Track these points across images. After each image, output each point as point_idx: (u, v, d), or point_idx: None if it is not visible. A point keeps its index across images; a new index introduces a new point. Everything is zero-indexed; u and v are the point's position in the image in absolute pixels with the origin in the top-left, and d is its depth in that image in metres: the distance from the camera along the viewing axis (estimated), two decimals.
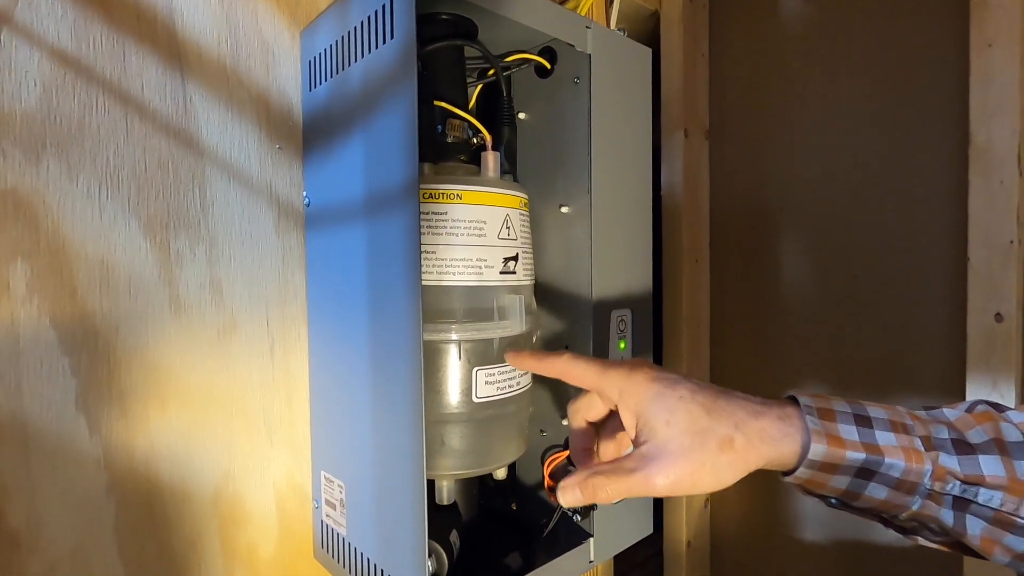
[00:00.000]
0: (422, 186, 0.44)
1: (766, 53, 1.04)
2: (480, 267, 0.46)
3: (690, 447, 0.33)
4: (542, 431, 0.57)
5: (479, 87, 0.56)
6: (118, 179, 0.43)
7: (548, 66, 0.55)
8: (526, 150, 0.58)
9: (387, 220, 0.42)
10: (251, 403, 0.50)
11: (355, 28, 0.44)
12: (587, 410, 0.41)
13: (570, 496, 0.35)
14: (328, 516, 0.51)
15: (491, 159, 0.49)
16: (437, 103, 0.50)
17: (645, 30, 1.13)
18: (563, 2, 0.70)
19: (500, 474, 0.54)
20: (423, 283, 0.39)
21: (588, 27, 0.52)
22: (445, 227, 0.45)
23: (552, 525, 0.53)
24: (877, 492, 0.32)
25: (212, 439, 0.48)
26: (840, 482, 0.33)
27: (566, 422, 0.56)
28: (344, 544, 0.49)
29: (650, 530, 0.60)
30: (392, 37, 0.40)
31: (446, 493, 0.51)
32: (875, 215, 0.91)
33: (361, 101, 0.44)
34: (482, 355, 0.47)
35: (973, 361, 0.78)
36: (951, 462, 0.32)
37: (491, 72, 0.54)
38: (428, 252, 0.45)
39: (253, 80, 0.50)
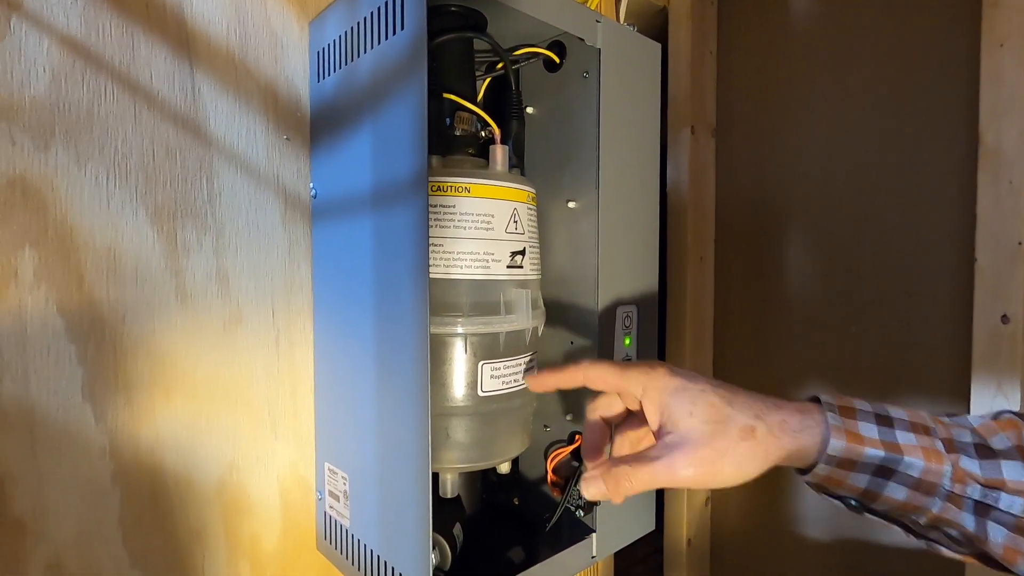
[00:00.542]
0: (430, 179, 0.44)
1: (774, 51, 1.04)
2: (487, 261, 0.46)
3: (712, 435, 0.33)
4: (546, 426, 0.57)
5: (487, 80, 0.56)
6: (126, 168, 0.43)
7: (557, 60, 0.54)
8: (534, 144, 0.58)
9: (395, 213, 0.42)
10: (256, 394, 0.50)
11: (365, 19, 0.44)
12: (606, 408, 0.41)
13: (594, 488, 0.35)
14: (331, 508, 0.51)
15: (499, 153, 0.49)
16: (446, 96, 0.49)
17: (653, 26, 1.12)
18: None
19: (504, 468, 0.54)
20: (430, 276, 0.39)
21: (598, 21, 0.52)
22: (453, 220, 0.45)
23: (555, 520, 0.53)
24: (896, 493, 0.32)
25: (217, 429, 0.48)
26: (859, 480, 0.32)
27: (569, 418, 0.56)
28: (347, 536, 0.49)
29: (652, 527, 0.60)
30: (402, 28, 0.40)
31: (450, 486, 0.51)
32: (882, 214, 0.91)
33: (370, 93, 0.44)
34: (488, 349, 0.47)
35: (978, 363, 0.78)
36: (972, 465, 0.32)
37: (500, 65, 0.54)
38: (435, 245, 0.45)
39: (261, 70, 0.50)
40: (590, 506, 0.54)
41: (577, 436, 0.55)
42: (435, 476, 0.50)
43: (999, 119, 0.76)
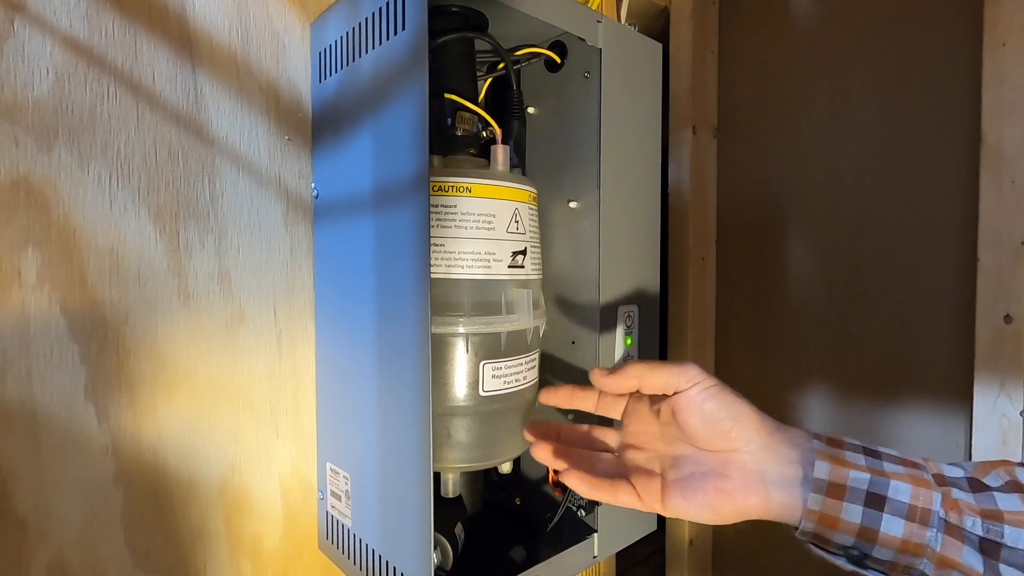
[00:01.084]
0: (431, 179, 0.44)
1: (775, 50, 1.04)
2: (488, 261, 0.46)
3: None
4: None
5: (488, 80, 0.56)
6: (129, 168, 0.43)
7: (558, 60, 0.54)
8: (535, 144, 0.58)
9: (396, 212, 0.42)
10: (258, 394, 0.50)
11: (366, 20, 0.44)
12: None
13: None
14: (333, 507, 0.51)
15: (500, 152, 0.49)
16: (447, 96, 0.50)
17: (654, 26, 1.12)
18: None
19: (505, 468, 0.54)
20: (431, 276, 0.39)
21: (599, 21, 0.52)
22: (454, 220, 0.45)
23: (556, 520, 0.53)
24: (894, 527, 0.31)
25: (219, 429, 0.48)
26: (852, 513, 0.31)
27: (571, 418, 0.56)
28: (349, 535, 0.49)
29: (654, 527, 0.60)
30: (404, 29, 0.40)
31: (451, 486, 0.51)
32: (883, 214, 0.91)
33: (371, 93, 0.44)
34: (489, 349, 0.47)
35: (981, 362, 0.78)
36: (965, 496, 0.30)
37: (501, 66, 0.54)
38: (437, 245, 0.45)
39: (263, 71, 0.50)
40: (592, 506, 0.54)
41: None
42: (436, 476, 0.50)
43: (1001, 119, 0.76)
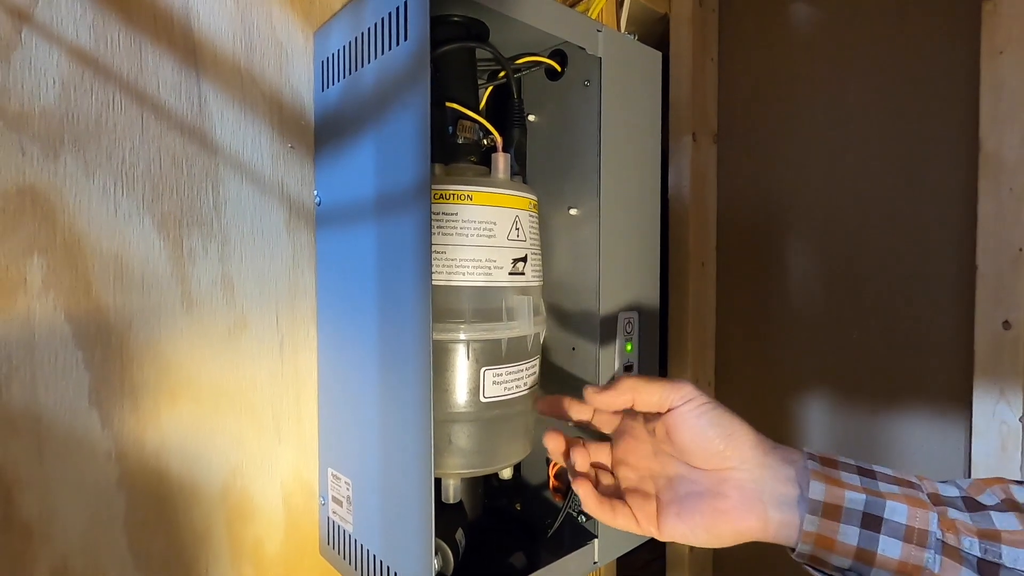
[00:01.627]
0: (433, 187, 0.45)
1: (775, 58, 1.04)
2: (489, 268, 0.46)
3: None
4: None
5: (489, 89, 0.56)
6: (133, 176, 0.44)
7: (559, 69, 0.55)
8: (536, 152, 0.58)
9: (398, 220, 0.42)
10: (260, 400, 0.51)
11: (369, 29, 0.45)
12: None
13: None
14: (335, 513, 0.51)
15: (501, 160, 0.49)
16: (449, 104, 0.50)
17: (654, 33, 1.13)
18: (574, 5, 0.71)
19: (506, 474, 0.54)
20: (433, 283, 0.40)
21: (599, 31, 0.52)
22: (455, 227, 0.46)
23: (557, 526, 0.53)
24: (891, 549, 0.30)
25: (221, 435, 0.48)
26: (849, 535, 0.31)
27: (571, 424, 0.56)
28: (350, 541, 0.49)
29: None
30: (406, 39, 0.41)
31: (452, 492, 0.51)
32: (883, 221, 0.91)
33: (374, 102, 0.45)
34: (490, 355, 0.47)
35: (980, 368, 0.78)
36: (961, 516, 0.31)
37: (502, 74, 0.55)
38: (438, 252, 0.45)
39: (266, 80, 0.50)
40: None
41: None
42: (438, 481, 0.50)
43: (999, 126, 0.77)
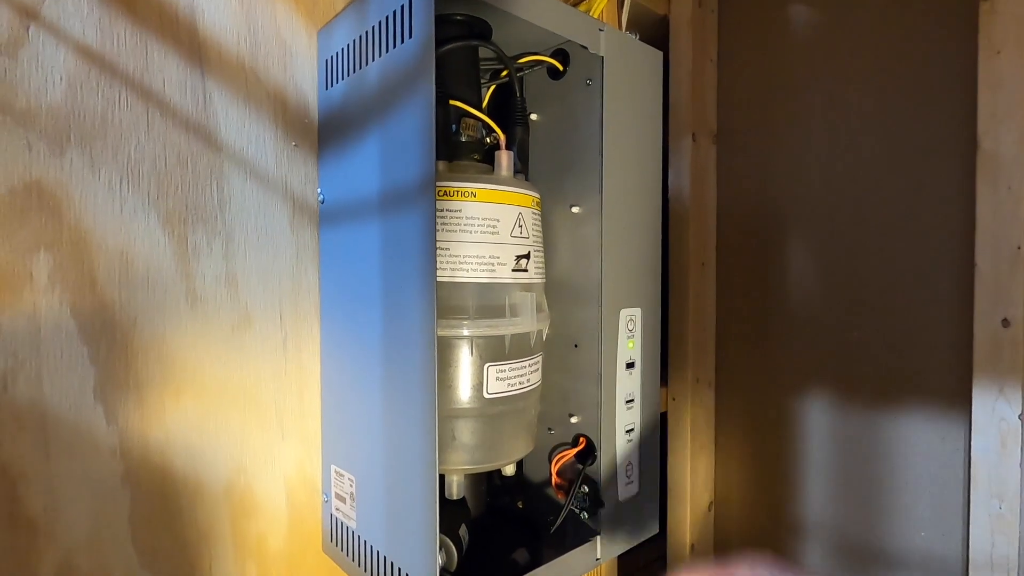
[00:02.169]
0: (437, 184, 0.45)
1: (774, 58, 1.05)
2: (493, 264, 0.47)
3: None
4: (550, 429, 0.58)
5: (492, 87, 0.57)
6: (139, 173, 0.44)
7: (561, 68, 0.55)
8: (538, 150, 0.58)
9: (403, 217, 0.42)
10: (264, 396, 0.51)
11: (373, 28, 0.45)
12: None
13: None
14: (338, 509, 0.52)
15: (504, 158, 0.49)
16: (452, 102, 0.50)
17: (654, 34, 1.13)
18: (576, 5, 0.71)
19: (509, 471, 0.55)
20: (437, 279, 0.40)
21: (601, 30, 0.53)
22: (459, 224, 0.46)
23: (559, 522, 0.54)
24: None
25: (225, 431, 0.48)
26: None
27: (574, 420, 0.56)
28: (354, 537, 0.49)
29: (656, 530, 0.61)
30: (411, 37, 0.41)
31: (456, 488, 0.51)
32: (882, 220, 0.92)
33: (378, 100, 0.45)
34: (494, 351, 0.47)
35: (980, 366, 0.78)
36: None
37: (504, 73, 0.55)
38: (442, 249, 0.46)
39: (271, 78, 0.51)
40: (594, 508, 0.54)
41: (581, 439, 0.56)
42: (441, 477, 0.50)
43: (997, 125, 0.77)
